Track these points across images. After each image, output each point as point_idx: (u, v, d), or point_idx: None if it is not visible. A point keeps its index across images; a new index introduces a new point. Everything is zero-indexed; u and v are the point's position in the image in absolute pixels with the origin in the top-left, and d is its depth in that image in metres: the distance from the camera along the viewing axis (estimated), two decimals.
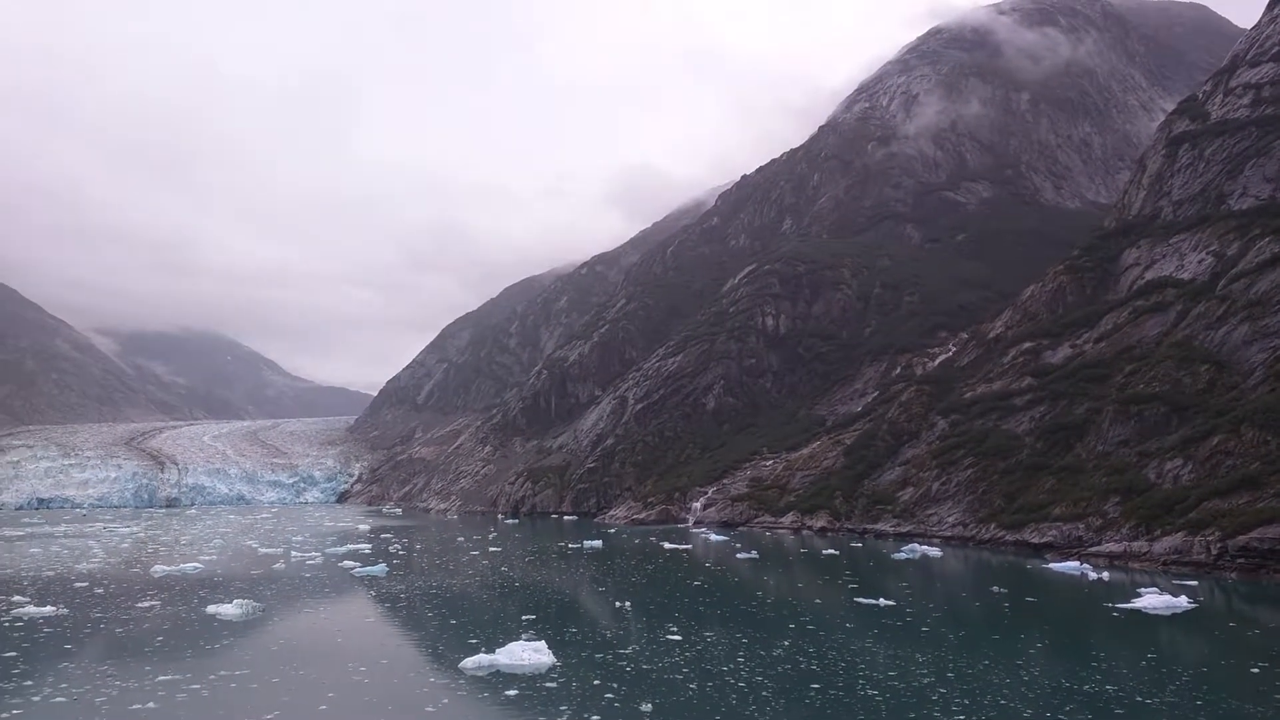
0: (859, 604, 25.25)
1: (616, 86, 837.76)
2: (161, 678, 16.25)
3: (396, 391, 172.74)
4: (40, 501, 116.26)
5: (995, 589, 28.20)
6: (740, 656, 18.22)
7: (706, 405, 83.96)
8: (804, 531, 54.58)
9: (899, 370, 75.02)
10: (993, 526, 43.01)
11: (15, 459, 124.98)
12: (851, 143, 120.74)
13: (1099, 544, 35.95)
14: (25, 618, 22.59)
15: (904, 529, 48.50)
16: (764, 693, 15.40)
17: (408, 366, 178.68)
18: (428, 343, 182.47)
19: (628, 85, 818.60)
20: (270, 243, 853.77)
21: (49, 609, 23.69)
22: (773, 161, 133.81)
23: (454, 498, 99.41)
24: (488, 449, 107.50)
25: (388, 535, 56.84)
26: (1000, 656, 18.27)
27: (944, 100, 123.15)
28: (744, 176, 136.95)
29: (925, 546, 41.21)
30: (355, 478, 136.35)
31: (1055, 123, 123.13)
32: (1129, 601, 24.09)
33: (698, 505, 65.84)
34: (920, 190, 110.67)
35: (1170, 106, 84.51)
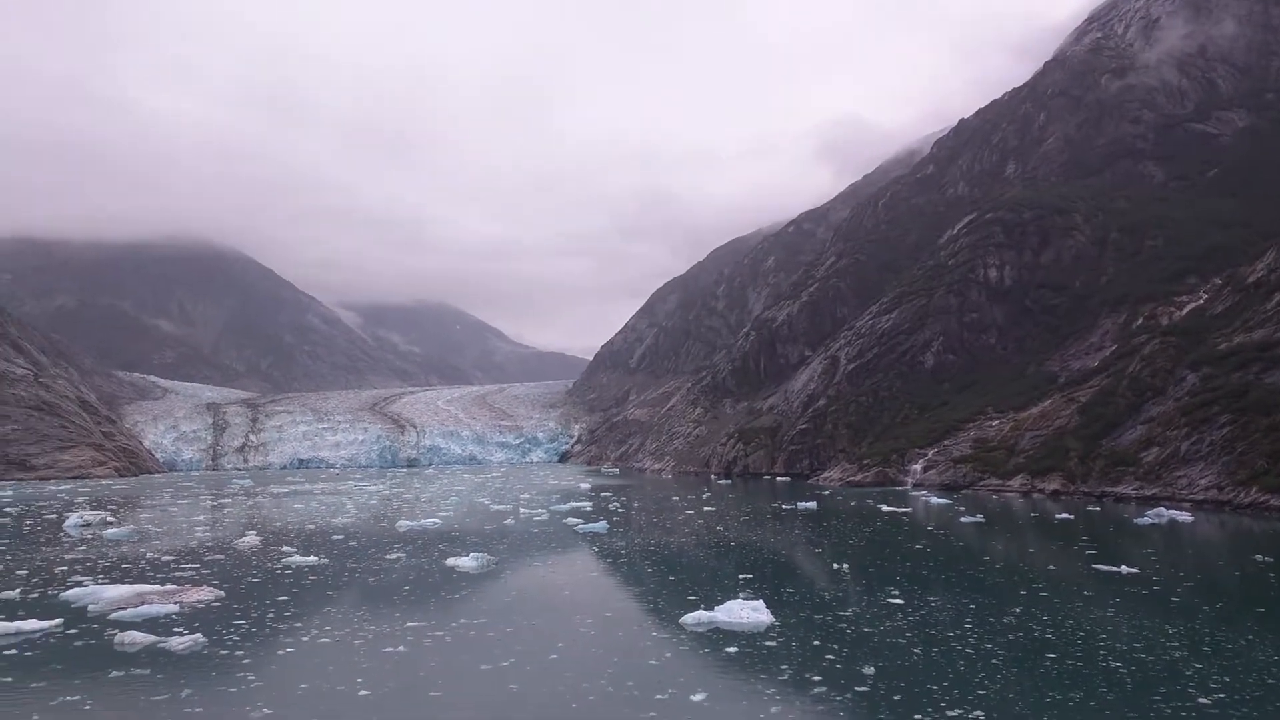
0: (1098, 571, 23.59)
1: (824, 40, 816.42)
2: (409, 624, 17.67)
3: (610, 355, 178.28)
4: (300, 462, 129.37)
5: (1259, 558, 25.50)
6: (967, 622, 17.51)
7: (924, 363, 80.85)
8: (1034, 494, 51.64)
9: (1140, 321, 68.93)
10: (1254, 490, 38.90)
11: (279, 424, 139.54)
12: (1082, 77, 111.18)
13: None
14: (294, 566, 25.22)
15: (1148, 492, 44.82)
16: (994, 660, 14.74)
17: (620, 331, 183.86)
18: (638, 308, 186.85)
19: (836, 37, 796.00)
20: (492, 218, 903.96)
21: (312, 559, 26.29)
22: (993, 103, 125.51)
23: (668, 458, 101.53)
24: (699, 410, 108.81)
25: (607, 494, 58.92)
26: (1266, 632, 16.52)
27: (1190, 22, 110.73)
28: (961, 121, 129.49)
29: (1173, 511, 37.89)
30: (575, 439, 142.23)
31: None
32: None
33: (916, 467, 63.72)
34: (1163, 124, 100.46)
35: None
